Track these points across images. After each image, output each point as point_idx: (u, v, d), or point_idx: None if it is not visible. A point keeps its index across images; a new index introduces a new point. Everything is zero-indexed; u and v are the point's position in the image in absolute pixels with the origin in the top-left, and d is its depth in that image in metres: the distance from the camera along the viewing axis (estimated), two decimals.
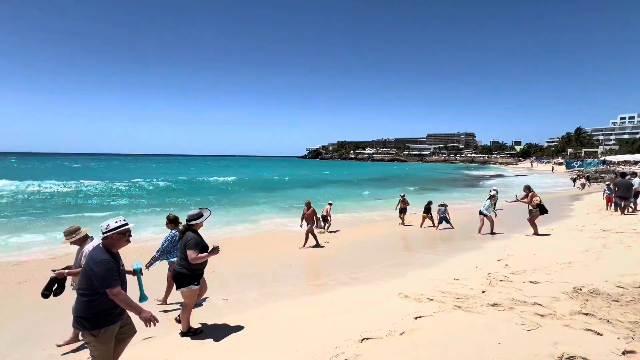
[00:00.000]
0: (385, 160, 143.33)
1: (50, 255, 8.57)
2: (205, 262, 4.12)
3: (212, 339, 4.04)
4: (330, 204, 12.18)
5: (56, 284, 3.82)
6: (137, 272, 3.33)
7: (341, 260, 8.10)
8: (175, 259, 5.09)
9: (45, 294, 3.75)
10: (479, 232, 10.46)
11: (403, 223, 12.74)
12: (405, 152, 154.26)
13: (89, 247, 3.96)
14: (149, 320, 2.80)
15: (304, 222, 9.62)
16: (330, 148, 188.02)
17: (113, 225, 2.78)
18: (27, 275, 6.97)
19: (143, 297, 3.31)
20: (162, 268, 5.66)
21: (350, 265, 7.55)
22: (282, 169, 69.88)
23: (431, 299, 4.73)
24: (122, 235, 2.81)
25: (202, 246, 3.97)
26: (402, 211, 12.83)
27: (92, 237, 4.09)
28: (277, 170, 63.20)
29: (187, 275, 3.95)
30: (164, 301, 5.46)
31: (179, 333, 4.18)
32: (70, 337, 4.18)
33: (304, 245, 9.45)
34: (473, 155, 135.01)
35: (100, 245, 2.82)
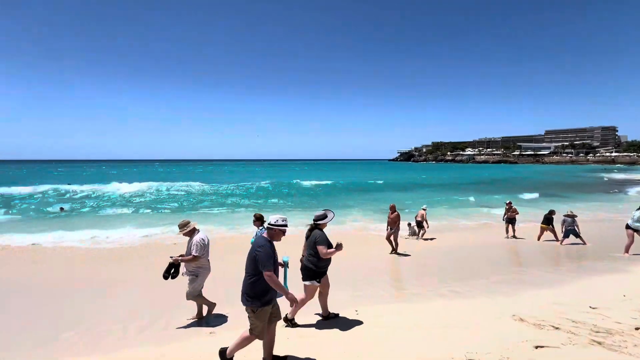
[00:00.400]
0: (490, 162, 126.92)
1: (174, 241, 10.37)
2: (330, 260, 4.57)
3: (316, 334, 4.23)
4: (424, 209, 11.46)
5: (173, 269, 4.67)
6: (285, 264, 3.86)
7: (437, 271, 7.52)
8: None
9: (165, 276, 4.66)
10: (627, 251, 8.30)
11: (513, 235, 11.02)
12: (516, 153, 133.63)
13: (197, 238, 4.73)
14: (293, 300, 3.41)
15: (389, 227, 9.31)
16: (424, 150, 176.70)
17: (280, 222, 3.39)
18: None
19: (285, 287, 3.77)
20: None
21: (449, 276, 6.94)
22: (374, 172, 68.55)
23: (557, 328, 3.95)
24: (281, 232, 3.41)
25: (328, 243, 4.43)
26: (510, 221, 11.09)
27: (198, 229, 4.87)
28: (368, 174, 62.39)
29: (314, 271, 4.43)
30: None
31: (282, 318, 4.46)
32: (196, 314, 4.97)
33: (394, 251, 9.12)
34: (614, 154, 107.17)
35: (264, 234, 3.42)
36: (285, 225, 3.43)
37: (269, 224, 3.41)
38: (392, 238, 9.13)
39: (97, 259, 8.82)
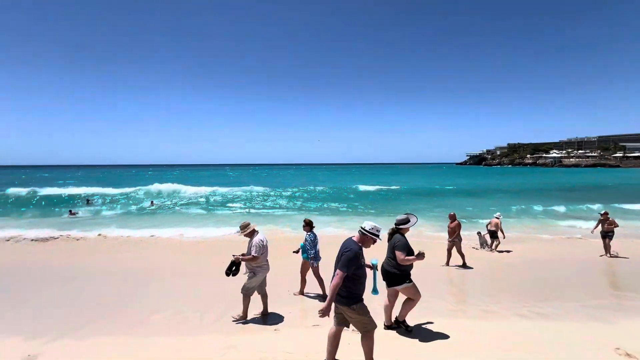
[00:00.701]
0: (582, 165, 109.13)
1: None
2: (412, 265, 4.40)
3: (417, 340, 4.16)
4: (498, 217, 10.35)
5: (234, 267, 4.98)
6: (374, 267, 3.89)
7: (514, 287, 6.75)
8: (308, 257, 5.93)
9: (227, 272, 4.97)
10: None
11: (607, 252, 9.29)
12: (619, 155, 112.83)
13: (256, 239, 4.97)
14: (322, 313, 3.21)
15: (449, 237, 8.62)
16: (498, 152, 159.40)
17: (374, 230, 3.40)
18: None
19: (375, 291, 3.83)
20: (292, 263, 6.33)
21: (528, 295, 6.19)
22: (440, 177, 64.04)
23: None
24: (372, 239, 3.41)
25: (408, 249, 4.30)
26: (606, 236, 9.35)
27: (258, 231, 5.11)
28: (433, 178, 58.35)
29: (398, 275, 4.33)
30: (324, 291, 6.06)
31: (384, 325, 4.51)
32: (242, 313, 5.11)
33: (463, 264, 8.38)
34: None
35: (354, 238, 3.46)
36: (378, 235, 3.41)
37: (363, 229, 3.42)
38: (453, 249, 8.46)
39: (184, 251, 9.97)
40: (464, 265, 8.33)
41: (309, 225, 6.10)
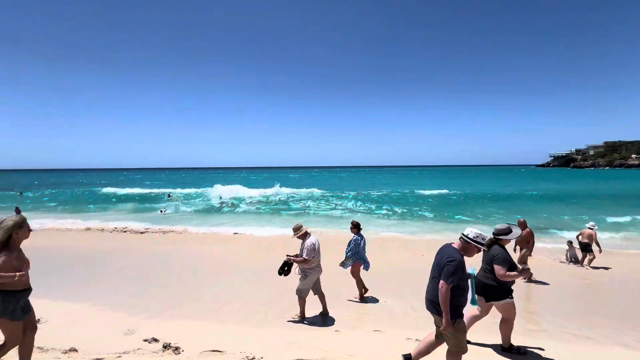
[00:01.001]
0: None
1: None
2: (514, 280, 3.96)
3: None
4: (591, 228, 8.86)
5: (286, 267, 5.09)
6: (471, 276, 3.63)
7: (611, 310, 5.79)
8: (354, 261, 5.99)
9: (279, 272, 5.09)
10: None
11: None
12: None
13: (307, 242, 5.02)
14: (446, 330, 3.03)
15: (517, 247, 7.66)
16: (592, 152, 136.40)
17: (479, 239, 3.13)
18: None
19: (474, 301, 3.64)
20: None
21: (632, 320, 5.24)
22: (517, 180, 56.29)
23: None
24: (477, 248, 3.15)
25: (510, 264, 3.87)
26: None
27: (310, 233, 5.18)
28: (510, 182, 51.46)
29: (496, 288, 3.89)
30: (360, 297, 6.09)
31: (500, 347, 4.18)
32: (299, 313, 5.19)
33: (529, 278, 7.09)
34: None
35: (454, 245, 3.21)
36: (483, 244, 3.14)
37: (466, 237, 3.15)
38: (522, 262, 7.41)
39: (251, 248, 10.74)
40: (530, 278, 7.15)
41: (356, 228, 6.24)
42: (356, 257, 6.09)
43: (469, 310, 3.97)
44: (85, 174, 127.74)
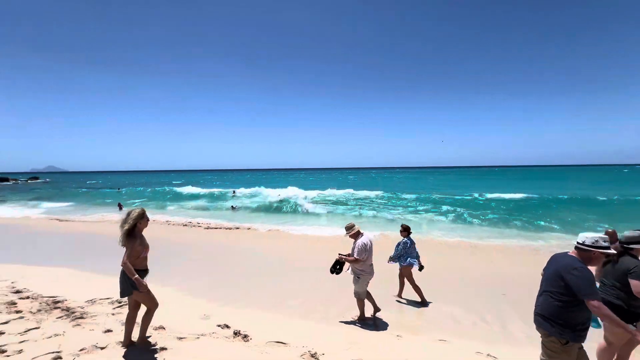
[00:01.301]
0: None
1: None
2: None
3: None
4: None
5: (338, 265, 5.11)
6: None
7: None
8: (405, 263, 5.85)
9: (331, 270, 5.14)
10: None
11: None
12: None
13: (359, 242, 4.95)
14: (637, 337, 2.59)
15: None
16: None
17: (603, 243, 2.64)
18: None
19: (596, 322, 3.32)
20: (394, 267, 6.38)
21: None
22: (619, 182, 45.88)
23: None
24: (602, 254, 2.67)
25: None
26: None
27: (363, 233, 5.10)
28: (610, 184, 42.33)
29: (624, 310, 3.29)
30: (399, 295, 6.27)
31: None
32: (359, 314, 5.19)
33: None
34: None
35: (571, 253, 2.77)
36: (609, 247, 2.65)
37: (583, 244, 2.67)
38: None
39: (311, 246, 11.10)
40: None
41: (406, 231, 6.19)
42: (403, 260, 6.01)
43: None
44: (166, 174, 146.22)
